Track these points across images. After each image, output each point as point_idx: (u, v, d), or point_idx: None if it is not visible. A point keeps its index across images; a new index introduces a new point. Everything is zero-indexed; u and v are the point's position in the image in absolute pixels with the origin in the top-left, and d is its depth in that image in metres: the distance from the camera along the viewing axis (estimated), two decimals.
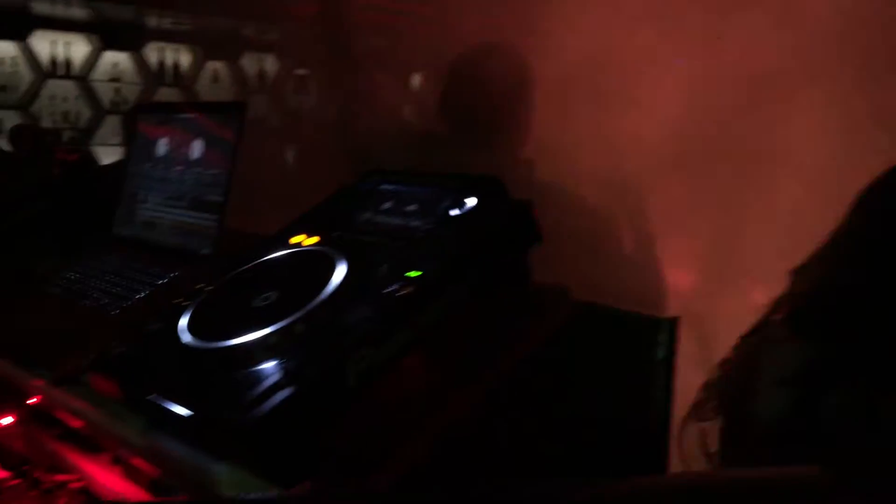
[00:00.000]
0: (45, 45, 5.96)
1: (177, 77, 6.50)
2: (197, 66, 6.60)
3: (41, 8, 5.82)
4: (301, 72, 7.12)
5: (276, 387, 0.77)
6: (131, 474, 1.13)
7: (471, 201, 0.94)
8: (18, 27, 5.78)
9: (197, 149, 1.35)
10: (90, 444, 1.22)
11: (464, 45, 2.01)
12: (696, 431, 1.14)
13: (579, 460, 0.92)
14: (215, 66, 6.72)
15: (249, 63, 6.84)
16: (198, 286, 0.99)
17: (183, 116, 1.40)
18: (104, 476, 1.16)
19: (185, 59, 6.59)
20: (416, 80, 4.00)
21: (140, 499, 1.08)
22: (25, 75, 5.92)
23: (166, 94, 6.29)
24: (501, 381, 0.90)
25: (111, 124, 5.98)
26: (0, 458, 1.20)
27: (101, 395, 0.97)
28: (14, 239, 1.54)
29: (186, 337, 0.89)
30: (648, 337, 0.92)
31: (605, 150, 2.02)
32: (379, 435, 0.83)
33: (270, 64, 6.95)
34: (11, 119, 5.49)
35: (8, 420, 1.33)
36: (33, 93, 5.90)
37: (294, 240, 1.03)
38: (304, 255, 0.97)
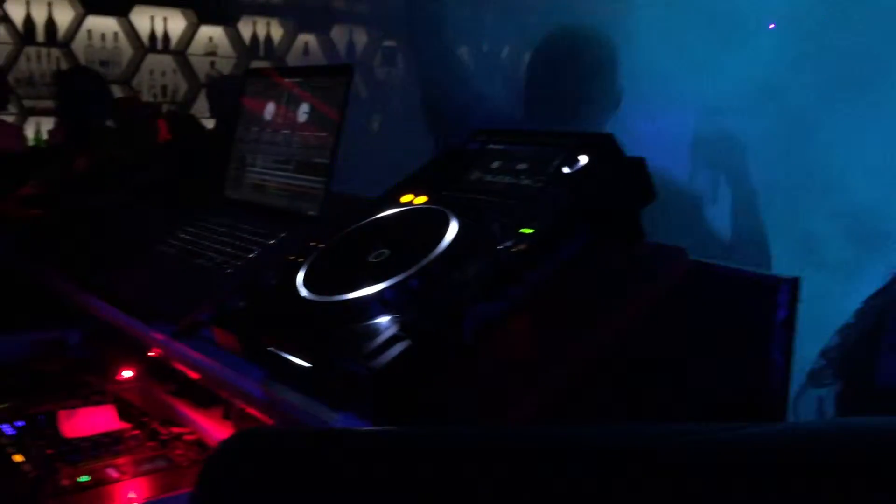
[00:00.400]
0: (145, 20, 6.15)
1: (269, 50, 6.62)
2: (289, 38, 6.71)
3: None
4: (389, 43, 7.17)
5: (393, 339, 0.78)
6: (242, 428, 1.18)
7: (583, 158, 0.93)
8: (120, 3, 5.98)
9: (303, 112, 1.38)
10: (202, 399, 1.28)
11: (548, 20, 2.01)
12: (814, 398, 1.11)
13: None
14: (306, 38, 6.82)
15: (339, 35, 6.91)
16: (311, 244, 1.01)
17: (290, 81, 1.43)
18: (216, 429, 1.21)
19: (276, 32, 6.70)
20: (504, 51, 3.97)
21: None
22: (126, 50, 6.13)
23: (259, 66, 6.41)
24: (613, 341, 0.89)
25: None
26: (121, 410, 1.26)
27: (221, 347, 1.00)
28: (131, 204, 1.61)
29: (304, 291, 0.91)
30: (767, 298, 0.90)
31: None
32: (491, 390, 0.83)
33: (359, 35, 7.02)
34: (114, 92, 5.69)
35: (129, 374, 1.40)
36: (134, 67, 6.11)
37: (404, 199, 1.04)
38: (416, 212, 0.98)
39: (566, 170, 0.93)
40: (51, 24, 5.79)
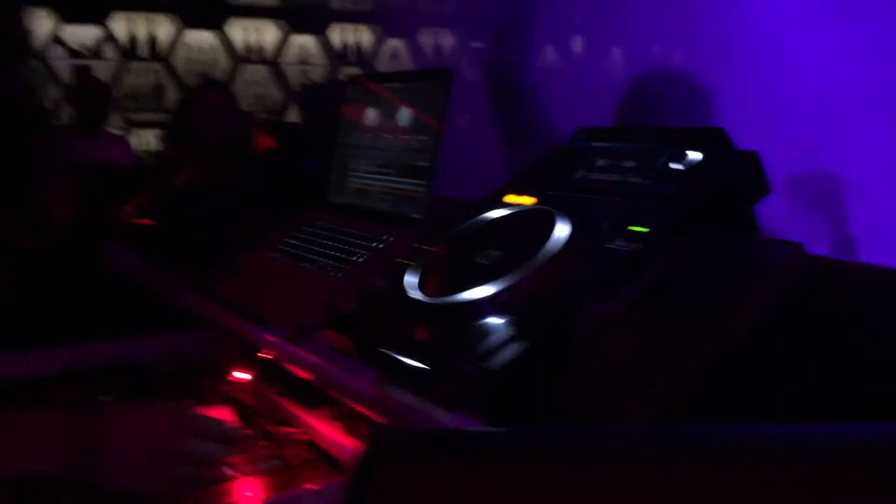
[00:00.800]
0: (239, 32, 6.34)
1: (359, 56, 6.73)
2: (377, 44, 6.81)
3: None
4: (476, 44, 7.20)
5: (508, 340, 0.79)
6: (351, 429, 1.20)
7: (694, 154, 0.91)
8: (215, 17, 6.19)
9: (404, 117, 1.39)
10: (311, 399, 1.31)
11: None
12: None
13: None
14: (394, 43, 6.90)
15: (426, 39, 6.97)
16: (419, 246, 1.03)
17: (390, 86, 1.45)
18: (326, 429, 1.23)
19: (365, 38, 6.81)
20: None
21: (358, 448, 1.14)
22: (222, 61, 6.34)
23: (349, 73, 6.53)
24: (731, 340, 0.87)
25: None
26: (234, 411, 1.30)
27: (334, 350, 1.03)
28: (238, 211, 1.66)
29: (415, 293, 0.92)
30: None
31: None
32: (606, 391, 0.83)
33: (445, 38, 7.07)
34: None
35: (242, 376, 1.44)
36: (230, 78, 6.31)
37: (509, 199, 1.04)
38: (523, 213, 0.98)
39: (676, 166, 0.91)
40: (152, 39, 6.04)
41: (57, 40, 5.64)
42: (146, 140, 5.78)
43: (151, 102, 6.11)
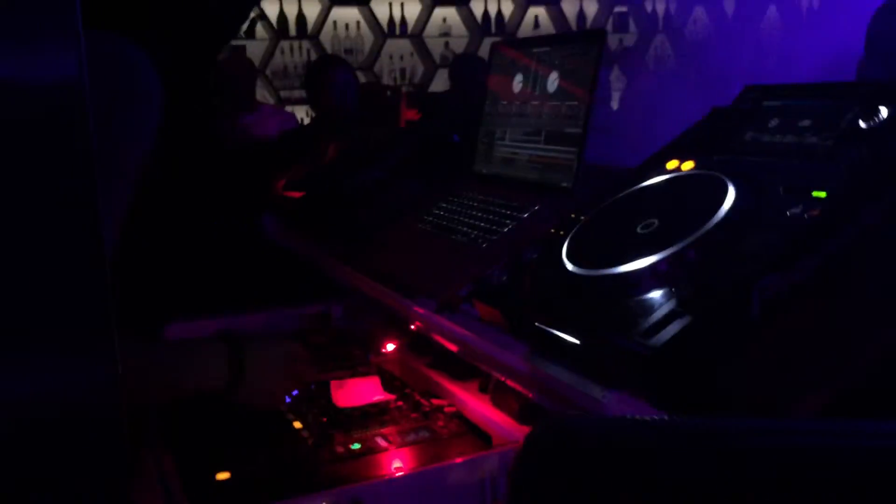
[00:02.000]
0: (384, 7, 6.41)
1: (500, 26, 6.66)
2: (519, 12, 6.71)
3: None
4: (620, 9, 6.96)
5: (671, 315, 0.73)
6: (499, 402, 1.17)
7: (883, 109, 0.82)
8: None
9: (554, 82, 1.34)
10: (458, 371, 1.29)
11: None
12: None
13: None
14: (536, 11, 6.78)
15: (569, 5, 6.81)
16: (571, 216, 0.98)
17: (538, 51, 1.40)
18: (474, 402, 1.21)
19: (507, 7, 6.72)
20: None
21: (506, 422, 1.12)
22: (368, 37, 6.44)
23: (490, 43, 6.47)
24: None
25: (442, 77, 6.31)
26: (384, 381, 1.30)
27: (483, 322, 1.00)
28: (385, 183, 1.66)
29: (569, 265, 0.87)
30: None
31: None
32: (776, 377, 0.75)
33: (589, 5, 6.87)
34: (359, 79, 5.99)
35: (391, 347, 1.45)
36: (375, 53, 6.40)
37: (670, 165, 0.97)
38: (686, 179, 0.91)
39: (863, 124, 0.82)
40: (301, 18, 6.21)
41: None
42: (298, 116, 5.97)
43: (301, 80, 6.29)
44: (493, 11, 6.71)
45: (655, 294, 0.77)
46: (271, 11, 6.15)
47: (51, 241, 0.52)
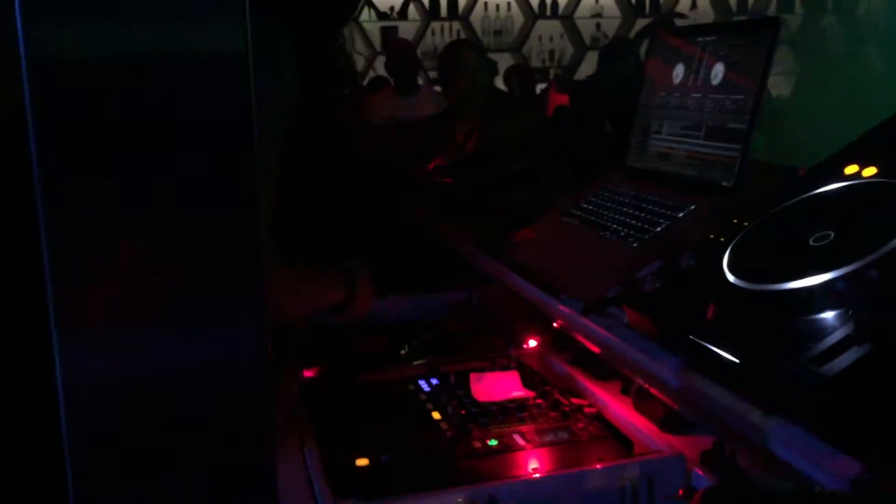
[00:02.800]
0: None
1: (654, 7, 6.44)
2: None
3: None
4: None
5: (848, 341, 0.67)
6: (642, 407, 1.13)
7: None
8: None
9: (719, 73, 1.27)
10: (599, 371, 1.25)
11: None
12: None
13: None
14: None
15: None
16: (735, 221, 0.92)
17: (702, 40, 1.32)
18: (615, 404, 1.17)
19: None
20: None
21: (649, 429, 1.07)
22: (518, 18, 6.38)
23: (643, 25, 6.29)
24: None
25: (591, 60, 6.17)
26: (524, 377, 1.28)
27: (633, 329, 0.96)
28: (532, 172, 1.63)
29: (731, 277, 0.82)
30: None
31: None
32: None
33: None
34: (507, 60, 5.97)
35: (533, 343, 1.42)
36: (525, 34, 6.34)
37: (849, 170, 0.89)
38: (867, 187, 0.83)
39: None
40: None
41: (367, 3, 6.01)
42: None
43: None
44: None
45: (829, 315, 0.71)
46: None
47: (211, 212, 0.52)
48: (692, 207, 1.19)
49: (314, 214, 1.25)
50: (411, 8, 6.23)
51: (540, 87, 5.46)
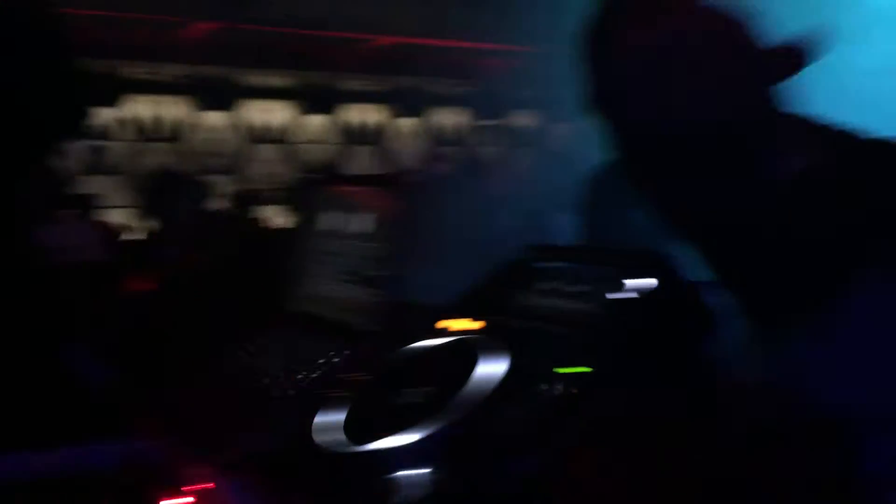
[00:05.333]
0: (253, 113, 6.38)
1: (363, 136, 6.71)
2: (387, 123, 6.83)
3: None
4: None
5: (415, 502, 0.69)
6: None
7: None
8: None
9: (361, 222, 1.32)
10: None
11: None
12: None
13: None
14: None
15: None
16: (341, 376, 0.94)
17: (346, 189, 1.38)
18: None
19: (371, 117, 6.83)
20: None
21: None
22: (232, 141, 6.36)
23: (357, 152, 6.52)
24: None
25: None
26: None
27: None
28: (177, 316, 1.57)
29: (325, 437, 0.82)
30: None
31: None
32: None
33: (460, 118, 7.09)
34: None
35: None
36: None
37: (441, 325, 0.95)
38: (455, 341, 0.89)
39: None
40: (165, 121, 6.08)
41: None
42: None
43: None
44: (361, 121, 6.77)
45: (410, 474, 0.73)
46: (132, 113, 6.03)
47: None
48: (339, 355, 1.20)
49: None
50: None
51: None
